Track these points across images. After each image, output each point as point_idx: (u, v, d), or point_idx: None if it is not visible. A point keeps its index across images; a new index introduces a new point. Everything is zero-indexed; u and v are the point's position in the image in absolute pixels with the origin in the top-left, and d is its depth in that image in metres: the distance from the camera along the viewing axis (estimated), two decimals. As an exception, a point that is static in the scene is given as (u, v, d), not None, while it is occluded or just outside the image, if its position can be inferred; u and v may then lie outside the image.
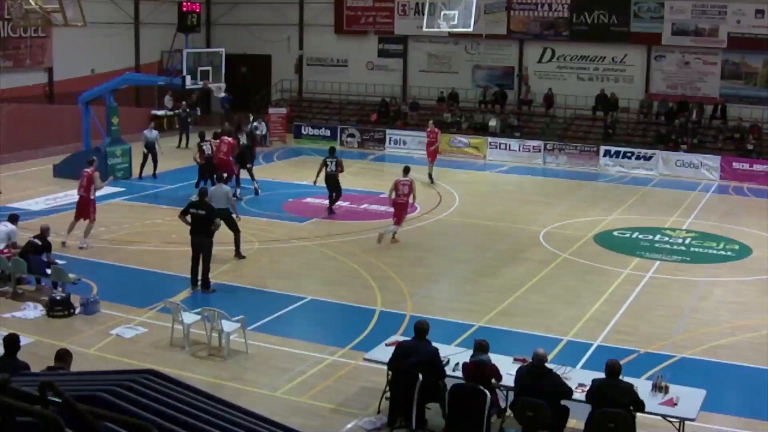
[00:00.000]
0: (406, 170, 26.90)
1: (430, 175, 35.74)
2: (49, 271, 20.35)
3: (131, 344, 17.71)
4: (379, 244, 25.42)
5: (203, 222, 21.03)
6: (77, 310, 19.31)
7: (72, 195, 30.75)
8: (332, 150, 30.65)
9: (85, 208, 25.21)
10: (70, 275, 20.00)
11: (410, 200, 26.22)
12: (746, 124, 41.91)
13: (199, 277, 21.14)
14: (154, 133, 37.01)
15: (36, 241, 21.00)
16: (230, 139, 31.04)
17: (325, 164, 29.43)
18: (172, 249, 24.92)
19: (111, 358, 16.64)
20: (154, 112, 48.14)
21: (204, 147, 31.43)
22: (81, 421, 4.75)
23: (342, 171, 29.82)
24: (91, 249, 24.54)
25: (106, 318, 19.05)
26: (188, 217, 21.32)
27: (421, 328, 14.19)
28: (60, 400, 4.85)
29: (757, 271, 24.27)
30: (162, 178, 34.78)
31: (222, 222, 21.76)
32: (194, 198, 22.67)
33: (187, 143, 44.04)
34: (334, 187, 29.74)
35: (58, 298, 19.31)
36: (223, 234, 23.64)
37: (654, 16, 44.81)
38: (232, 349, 17.14)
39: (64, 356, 12.28)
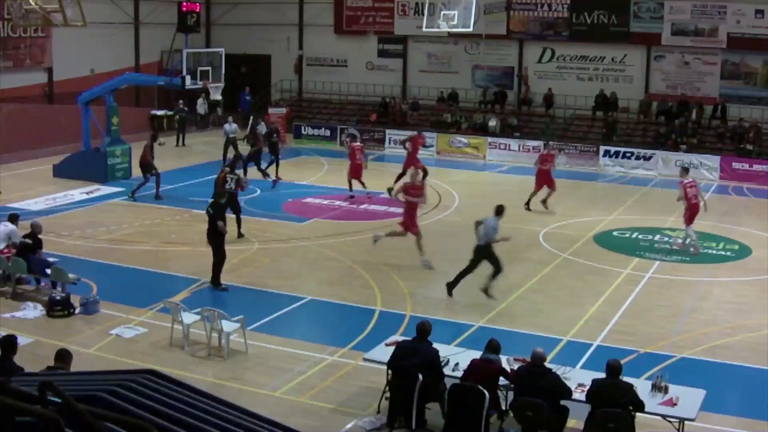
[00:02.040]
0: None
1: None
2: (48, 271, 20.33)
3: (131, 344, 17.71)
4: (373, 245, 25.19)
5: (210, 221, 21.31)
6: (77, 310, 19.31)
7: (71, 195, 30.85)
8: (234, 162, 27.00)
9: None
10: (70, 275, 19.98)
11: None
12: (746, 124, 41.94)
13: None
14: (233, 125, 38.92)
15: (26, 240, 20.97)
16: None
17: (224, 180, 25.14)
18: (171, 249, 24.94)
19: (111, 358, 16.63)
20: (153, 112, 48.19)
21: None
22: (81, 421, 4.75)
23: (242, 189, 26.25)
24: (92, 248, 24.53)
25: (105, 318, 19.05)
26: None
27: (422, 329, 14.20)
28: (60, 400, 4.86)
29: (756, 271, 24.27)
30: (162, 178, 34.67)
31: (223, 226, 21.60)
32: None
33: (183, 142, 44.08)
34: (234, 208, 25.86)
35: (57, 298, 19.32)
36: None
37: (654, 16, 44.85)
38: (231, 349, 17.14)
39: (63, 356, 12.28)
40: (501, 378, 13.54)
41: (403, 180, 27.81)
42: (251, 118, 42.56)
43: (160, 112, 48.27)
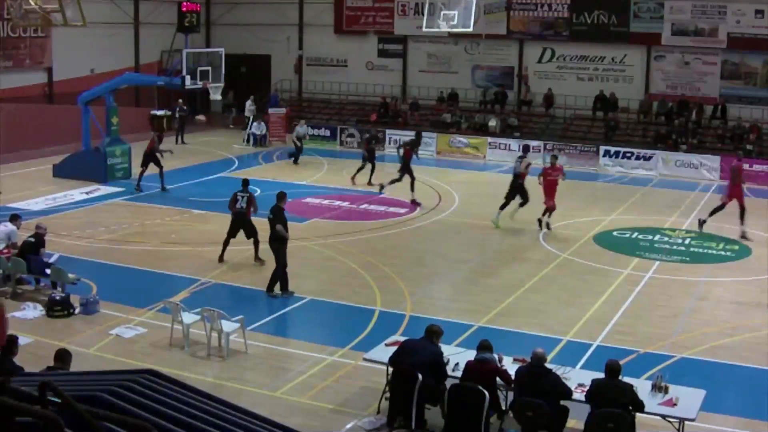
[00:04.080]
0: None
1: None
2: (48, 271, 20.33)
3: (131, 344, 17.71)
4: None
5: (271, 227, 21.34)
6: (77, 310, 19.30)
7: (71, 195, 30.85)
8: (245, 182, 24.42)
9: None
10: (70, 275, 19.98)
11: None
12: (746, 124, 41.98)
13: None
14: (305, 128, 40.31)
15: (30, 239, 21.00)
16: None
17: (235, 199, 23.66)
18: (171, 249, 24.93)
19: (110, 358, 16.64)
20: (153, 112, 48.10)
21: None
22: (80, 421, 4.75)
23: (255, 210, 23.78)
24: (92, 248, 24.54)
25: (105, 318, 19.05)
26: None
27: (430, 330, 14.21)
28: (60, 400, 4.86)
29: (756, 272, 24.27)
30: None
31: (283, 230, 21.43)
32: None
33: (183, 141, 44.09)
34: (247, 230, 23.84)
35: (57, 298, 19.31)
36: (222, 234, 23.68)
37: (654, 16, 44.86)
38: (231, 349, 17.15)
39: (63, 356, 12.29)
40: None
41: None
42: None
43: (160, 112, 48.19)
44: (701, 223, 28.49)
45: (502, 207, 28.61)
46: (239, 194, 23.41)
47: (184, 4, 35.05)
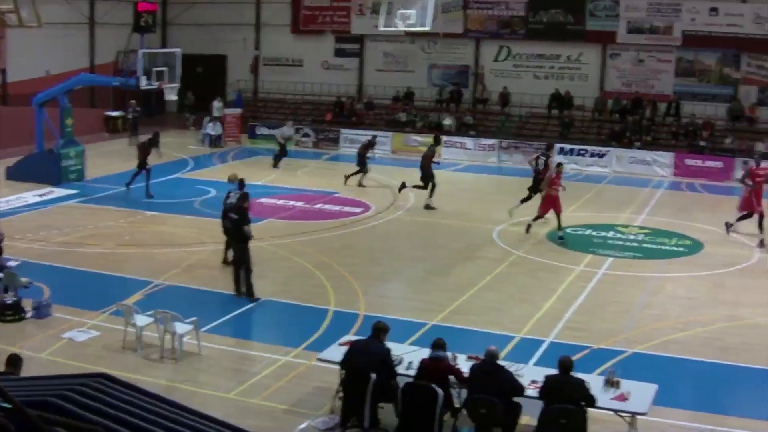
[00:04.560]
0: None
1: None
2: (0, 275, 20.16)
3: (83, 348, 17.61)
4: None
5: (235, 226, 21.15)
6: (28, 314, 19.10)
7: (24, 197, 30.62)
8: (241, 182, 23.11)
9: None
10: (22, 279, 19.80)
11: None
12: (699, 121, 42.43)
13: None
14: (292, 129, 40.03)
15: None
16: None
17: (227, 196, 22.81)
18: (125, 251, 24.82)
19: (63, 363, 16.52)
20: (108, 113, 47.93)
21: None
22: (32, 426, 4.77)
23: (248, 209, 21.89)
24: (45, 251, 24.40)
25: (58, 322, 18.89)
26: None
27: (376, 327, 14.27)
28: (10, 406, 4.88)
29: (708, 267, 24.55)
30: (115, 179, 34.57)
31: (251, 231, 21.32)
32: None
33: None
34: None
35: (8, 302, 19.07)
36: (177, 235, 23.65)
37: (609, 14, 45.24)
38: (185, 351, 17.10)
39: (14, 361, 12.22)
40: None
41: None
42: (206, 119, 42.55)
43: (115, 113, 48.03)
44: (728, 226, 28.14)
45: (524, 200, 29.61)
46: (231, 193, 23.09)
47: (140, 4, 34.97)
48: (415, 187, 31.43)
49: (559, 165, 28.70)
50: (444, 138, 43.70)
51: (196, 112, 49.47)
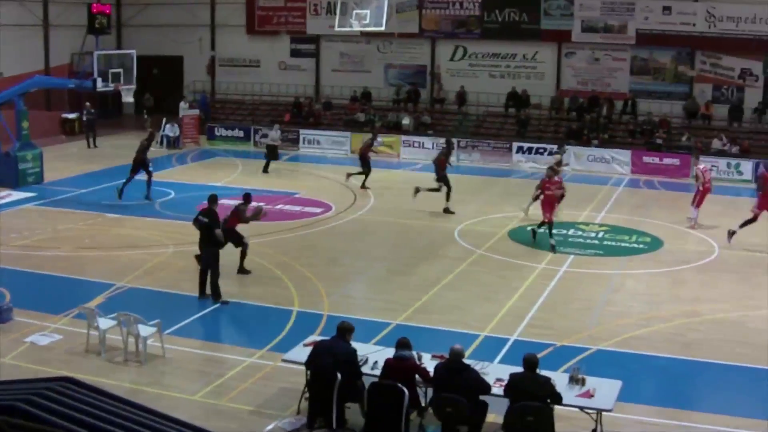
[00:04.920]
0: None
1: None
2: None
3: (46, 352, 17.45)
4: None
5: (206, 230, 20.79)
6: (-11, 319, 18.99)
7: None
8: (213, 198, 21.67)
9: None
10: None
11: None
12: (656, 118, 42.78)
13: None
14: (278, 132, 39.31)
15: None
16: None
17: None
18: (86, 254, 24.64)
19: (26, 367, 16.36)
20: (64, 115, 47.58)
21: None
22: (-3, 432, 4.70)
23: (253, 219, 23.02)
24: (4, 255, 24.15)
25: (20, 326, 18.71)
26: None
27: (341, 328, 14.23)
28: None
29: (668, 263, 24.70)
30: (73, 182, 34.32)
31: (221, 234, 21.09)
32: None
33: (95, 144, 43.58)
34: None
35: (-31, 307, 18.97)
36: (138, 238, 23.46)
37: (564, 13, 45.45)
38: (149, 354, 16.98)
39: (-23, 366, 12.09)
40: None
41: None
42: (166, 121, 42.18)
43: (71, 115, 47.67)
44: (730, 234, 26.72)
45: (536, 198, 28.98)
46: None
47: (94, 5, 34.64)
48: (429, 190, 31.02)
49: (550, 169, 28.04)
50: (403, 138, 43.87)
51: (154, 114, 49.09)
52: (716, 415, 14.90)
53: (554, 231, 25.95)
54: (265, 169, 38.31)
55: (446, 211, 30.54)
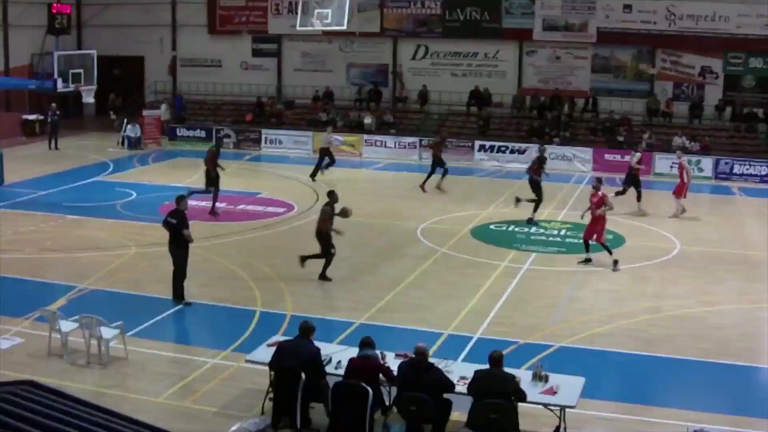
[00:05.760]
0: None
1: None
2: None
3: (8, 355, 17.30)
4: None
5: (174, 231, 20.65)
6: (-50, 323, 18.83)
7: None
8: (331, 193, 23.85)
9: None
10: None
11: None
12: (617, 116, 43.06)
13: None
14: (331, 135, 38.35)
15: None
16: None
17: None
18: (47, 256, 24.47)
19: (-13, 371, 16.27)
20: (25, 116, 47.24)
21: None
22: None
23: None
24: None
25: (-20, 329, 18.62)
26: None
27: (304, 327, 14.22)
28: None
29: (630, 260, 24.81)
30: (35, 184, 34.09)
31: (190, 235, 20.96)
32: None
33: (56, 146, 43.27)
34: None
35: (-71, 310, 18.81)
36: (99, 239, 23.32)
37: (525, 12, 45.69)
38: (111, 356, 16.89)
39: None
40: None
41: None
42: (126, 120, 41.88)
43: (32, 117, 47.35)
44: None
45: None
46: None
47: (54, 5, 34.45)
48: (529, 201, 29.82)
49: (597, 180, 26.39)
50: (365, 137, 43.89)
51: (120, 114, 48.76)
52: (678, 410, 14.99)
53: (516, 229, 25.97)
54: (315, 174, 36.89)
55: (530, 221, 29.34)
